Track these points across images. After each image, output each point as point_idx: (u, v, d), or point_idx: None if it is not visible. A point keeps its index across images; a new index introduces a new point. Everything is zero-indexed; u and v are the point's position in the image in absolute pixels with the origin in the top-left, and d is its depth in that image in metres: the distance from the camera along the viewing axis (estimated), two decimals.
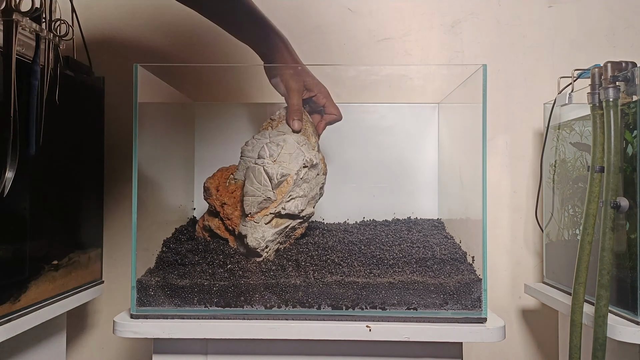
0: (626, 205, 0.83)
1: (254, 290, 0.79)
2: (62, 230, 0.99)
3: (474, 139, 0.83)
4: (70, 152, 1.02)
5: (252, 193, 0.83)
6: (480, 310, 0.78)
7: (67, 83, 0.95)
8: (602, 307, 0.82)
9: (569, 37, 1.25)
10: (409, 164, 1.15)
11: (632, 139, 0.85)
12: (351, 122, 1.13)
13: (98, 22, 1.25)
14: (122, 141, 1.24)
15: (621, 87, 0.85)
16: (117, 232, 1.24)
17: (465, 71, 0.90)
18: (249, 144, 0.90)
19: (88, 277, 1.06)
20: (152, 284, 0.80)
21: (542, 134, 1.21)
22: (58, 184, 0.97)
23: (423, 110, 1.16)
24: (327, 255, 0.83)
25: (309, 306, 0.79)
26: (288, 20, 1.24)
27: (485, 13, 1.25)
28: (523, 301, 1.24)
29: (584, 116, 0.99)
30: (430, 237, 0.92)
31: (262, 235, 0.82)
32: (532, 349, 1.25)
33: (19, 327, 0.82)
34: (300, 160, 0.85)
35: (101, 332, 1.26)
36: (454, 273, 0.81)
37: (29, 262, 0.87)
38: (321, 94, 0.93)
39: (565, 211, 1.06)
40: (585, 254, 0.87)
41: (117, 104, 1.23)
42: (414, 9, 1.26)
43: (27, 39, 0.85)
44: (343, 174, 1.13)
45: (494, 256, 1.23)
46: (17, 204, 0.84)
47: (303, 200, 0.85)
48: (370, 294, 0.79)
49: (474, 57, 1.25)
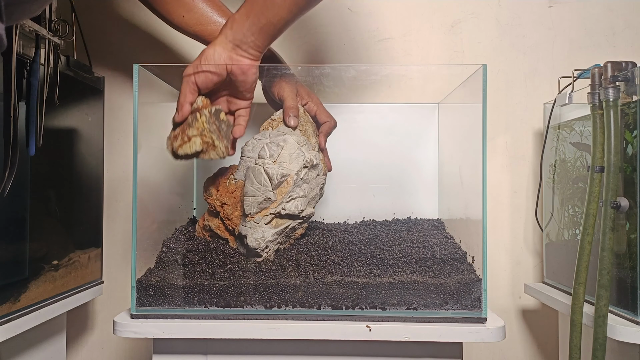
0: (626, 205, 0.83)
1: (254, 290, 0.80)
2: (62, 230, 0.99)
3: (474, 139, 0.83)
4: (70, 152, 1.02)
5: (252, 193, 0.83)
6: (480, 310, 0.78)
7: (67, 83, 0.95)
8: (602, 307, 0.82)
9: (569, 37, 1.25)
10: (409, 164, 1.15)
11: (632, 139, 0.85)
12: (351, 122, 1.13)
13: (98, 21, 1.25)
14: (122, 141, 1.24)
15: (621, 87, 0.85)
16: (117, 232, 1.24)
17: (465, 71, 0.90)
18: (249, 144, 0.90)
19: (88, 277, 1.06)
20: (152, 284, 0.80)
21: (542, 134, 1.21)
22: (58, 183, 0.97)
23: (423, 110, 1.16)
24: (327, 255, 0.83)
25: (309, 306, 0.79)
26: None
27: (485, 13, 1.25)
28: (523, 301, 1.24)
29: (584, 116, 1.00)
30: (430, 237, 0.92)
31: (262, 235, 0.82)
32: (532, 349, 1.25)
33: (19, 327, 0.82)
34: (300, 160, 0.85)
35: (101, 332, 1.26)
36: (454, 273, 0.81)
37: (29, 262, 0.87)
38: (312, 102, 0.94)
39: (565, 211, 1.06)
40: (585, 254, 0.87)
41: (117, 104, 1.23)
42: (414, 9, 1.26)
43: (27, 39, 0.85)
44: (343, 174, 1.13)
45: (494, 256, 1.24)
46: (17, 204, 0.84)
47: (303, 200, 0.85)
48: (370, 294, 0.79)
49: (474, 57, 1.25)
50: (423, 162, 1.15)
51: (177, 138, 0.80)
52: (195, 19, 0.91)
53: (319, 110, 0.94)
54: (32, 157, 0.85)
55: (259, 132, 0.92)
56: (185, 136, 0.80)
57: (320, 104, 0.95)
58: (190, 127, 0.80)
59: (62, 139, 0.97)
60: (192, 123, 0.80)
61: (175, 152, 0.81)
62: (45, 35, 0.87)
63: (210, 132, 0.80)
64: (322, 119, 0.95)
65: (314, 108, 0.94)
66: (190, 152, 0.79)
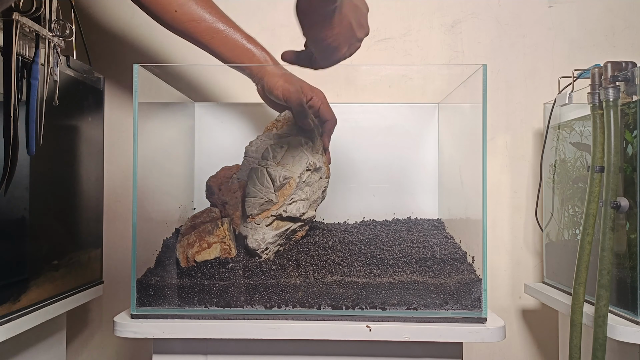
0: (626, 205, 0.83)
1: (254, 290, 0.79)
2: (62, 230, 0.99)
3: (474, 139, 0.83)
4: (70, 152, 1.02)
5: (254, 194, 0.83)
6: (480, 310, 0.78)
7: (67, 83, 0.95)
8: (602, 307, 0.82)
9: (569, 37, 1.25)
10: (409, 164, 1.15)
11: (632, 139, 0.85)
12: (351, 122, 1.13)
13: (98, 22, 1.25)
14: (122, 141, 1.24)
15: (621, 87, 0.85)
16: (117, 232, 1.24)
17: (465, 71, 0.90)
18: (253, 144, 0.90)
19: (88, 277, 1.06)
20: (152, 284, 0.80)
21: (542, 134, 1.21)
22: (58, 183, 0.97)
23: (423, 110, 1.16)
24: (327, 255, 0.83)
25: (309, 306, 0.79)
26: (288, 20, 1.24)
27: (485, 13, 1.25)
28: (523, 301, 1.24)
29: (584, 116, 0.99)
30: (430, 237, 0.92)
31: (262, 237, 0.82)
32: (532, 349, 1.25)
33: (19, 327, 0.82)
34: (303, 163, 0.84)
35: (101, 332, 1.26)
36: (454, 273, 0.81)
37: (29, 262, 0.87)
38: (316, 96, 0.92)
39: (565, 211, 1.06)
40: (585, 254, 0.87)
41: (117, 104, 1.23)
42: (414, 9, 1.26)
43: (27, 39, 0.85)
44: (343, 174, 1.12)
45: (494, 256, 1.23)
46: (17, 204, 0.84)
47: (305, 203, 0.85)
48: (370, 294, 0.79)
49: (474, 57, 1.25)
50: (423, 162, 1.15)
51: (193, 245, 0.83)
52: (188, 15, 0.91)
53: (323, 105, 0.92)
54: (32, 157, 0.85)
55: (263, 132, 0.92)
56: (204, 243, 0.83)
57: (324, 99, 0.93)
58: (210, 234, 0.83)
59: (62, 139, 0.97)
60: (213, 230, 0.84)
61: (191, 259, 0.83)
62: (46, 35, 0.87)
63: (230, 239, 0.84)
64: (325, 116, 0.92)
65: (318, 103, 0.92)
66: (210, 258, 0.82)
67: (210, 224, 0.85)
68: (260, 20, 1.25)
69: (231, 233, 0.86)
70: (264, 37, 1.23)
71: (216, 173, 0.93)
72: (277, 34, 1.25)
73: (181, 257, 0.83)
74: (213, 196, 0.90)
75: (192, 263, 0.82)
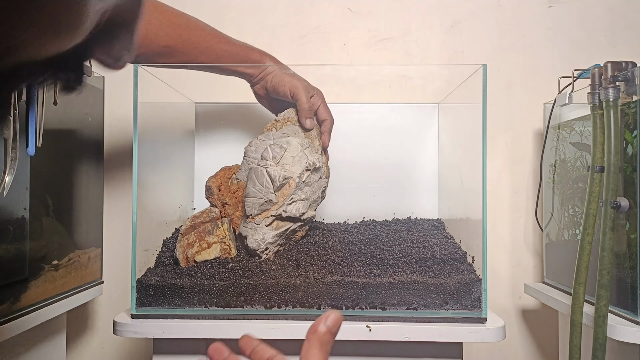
0: (626, 205, 0.83)
1: (254, 290, 0.79)
2: (62, 230, 0.99)
3: (474, 139, 0.83)
4: (70, 152, 1.02)
5: (253, 194, 0.83)
6: (480, 310, 0.78)
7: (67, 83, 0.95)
8: (602, 307, 0.82)
9: (569, 37, 1.25)
10: (409, 164, 1.15)
11: (632, 139, 0.85)
12: (351, 122, 1.13)
13: None
14: (122, 141, 1.24)
15: (621, 87, 0.85)
16: (117, 232, 1.24)
17: (465, 71, 0.90)
18: (253, 144, 0.90)
19: (88, 277, 1.06)
20: (152, 284, 0.80)
21: (542, 134, 1.21)
22: (58, 184, 0.97)
23: (423, 110, 1.16)
24: (327, 255, 0.83)
25: (309, 306, 0.79)
26: (288, 20, 1.24)
27: (485, 13, 1.25)
28: (523, 301, 1.24)
29: (584, 116, 0.99)
30: (430, 237, 0.92)
31: (262, 237, 0.82)
32: (532, 349, 1.25)
33: (19, 327, 0.82)
34: (303, 163, 0.84)
35: (101, 332, 1.26)
36: (454, 273, 0.81)
37: (29, 262, 0.87)
38: (317, 95, 0.93)
39: (565, 211, 1.06)
40: (585, 254, 0.87)
41: (117, 104, 1.23)
42: (414, 9, 1.26)
43: None
44: (343, 174, 1.13)
45: (494, 256, 1.23)
46: (17, 204, 0.84)
47: (305, 203, 0.85)
48: (370, 294, 0.79)
49: (474, 57, 1.25)
50: (423, 162, 1.15)
51: (193, 245, 0.83)
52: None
53: (322, 105, 0.93)
54: (32, 157, 0.85)
55: (263, 132, 0.92)
56: (204, 243, 0.83)
57: (323, 99, 0.94)
58: (210, 234, 0.84)
59: (62, 139, 0.97)
60: (213, 230, 0.84)
61: (191, 259, 0.83)
62: None
63: (230, 239, 0.85)
64: (322, 115, 0.93)
65: (318, 102, 0.93)
66: (210, 258, 0.83)
67: (210, 224, 0.85)
68: (260, 20, 1.25)
69: (231, 233, 0.86)
70: (264, 37, 1.24)
71: (216, 173, 0.93)
72: (277, 34, 1.25)
73: (181, 257, 0.83)
74: (213, 196, 0.90)
75: (192, 263, 0.82)
